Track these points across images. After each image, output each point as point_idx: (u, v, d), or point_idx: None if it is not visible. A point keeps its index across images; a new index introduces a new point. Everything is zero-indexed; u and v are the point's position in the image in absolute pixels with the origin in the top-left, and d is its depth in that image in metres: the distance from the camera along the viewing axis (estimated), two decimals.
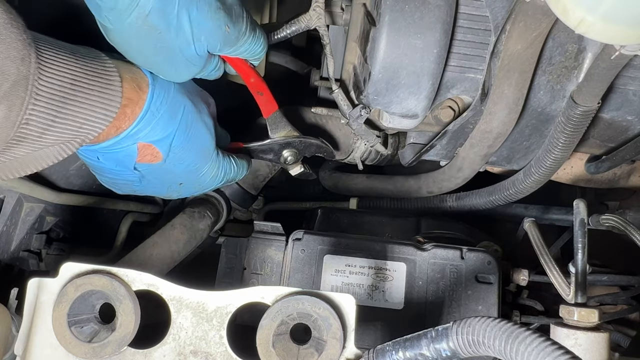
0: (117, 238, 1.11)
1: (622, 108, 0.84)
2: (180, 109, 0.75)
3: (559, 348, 0.45)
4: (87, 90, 0.63)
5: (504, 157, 0.96)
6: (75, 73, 0.62)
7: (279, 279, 0.93)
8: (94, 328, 0.61)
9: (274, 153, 0.95)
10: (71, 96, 0.62)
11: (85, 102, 0.63)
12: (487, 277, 0.91)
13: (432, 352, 0.54)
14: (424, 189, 1.10)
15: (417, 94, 0.82)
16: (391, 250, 0.92)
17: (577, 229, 0.83)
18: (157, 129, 0.73)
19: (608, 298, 1.06)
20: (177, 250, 0.96)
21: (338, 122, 1.07)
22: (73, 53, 0.63)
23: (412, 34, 0.78)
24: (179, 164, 0.78)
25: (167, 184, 0.81)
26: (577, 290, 0.81)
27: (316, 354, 0.59)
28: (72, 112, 0.62)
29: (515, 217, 1.12)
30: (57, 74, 0.60)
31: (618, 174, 1.06)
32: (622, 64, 0.68)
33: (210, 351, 0.62)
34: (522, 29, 0.71)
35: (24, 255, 0.97)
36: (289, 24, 0.91)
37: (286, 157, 0.95)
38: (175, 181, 0.81)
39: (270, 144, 0.94)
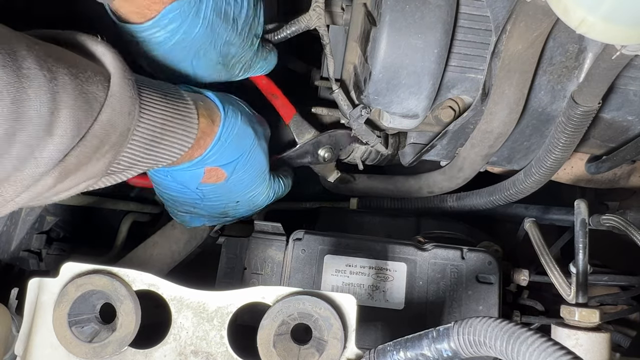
0: (118, 238, 1.11)
1: (622, 108, 0.84)
2: (245, 137, 0.81)
3: (560, 348, 0.45)
4: (172, 130, 0.69)
5: (505, 157, 0.96)
6: (165, 117, 0.68)
7: (279, 279, 0.93)
8: (95, 328, 0.61)
9: (310, 155, 0.99)
10: (159, 137, 0.68)
11: (168, 141, 0.69)
12: (487, 277, 0.91)
13: (433, 352, 0.54)
14: (424, 189, 1.10)
15: (418, 94, 0.82)
16: (392, 250, 0.92)
17: (578, 229, 0.83)
18: (225, 156, 0.79)
19: (608, 298, 1.05)
20: (178, 250, 0.96)
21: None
22: (164, 96, 0.69)
23: (413, 34, 0.78)
24: (239, 184, 0.85)
25: (224, 202, 0.87)
26: (578, 291, 0.81)
27: (317, 354, 0.59)
28: (156, 150, 0.68)
29: (516, 217, 1.12)
30: (151, 121, 0.66)
31: (618, 174, 1.06)
32: (623, 64, 0.68)
33: (211, 351, 0.62)
34: (522, 29, 0.71)
35: (24, 255, 0.97)
36: (289, 24, 0.91)
37: (323, 155, 0.99)
38: (233, 199, 0.88)
39: (303, 147, 0.98)
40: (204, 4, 0.73)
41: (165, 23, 0.71)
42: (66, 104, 0.53)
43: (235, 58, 0.84)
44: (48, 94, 0.51)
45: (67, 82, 0.53)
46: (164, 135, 0.68)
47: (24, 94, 0.49)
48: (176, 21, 0.72)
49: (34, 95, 0.50)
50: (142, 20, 0.71)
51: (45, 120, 0.51)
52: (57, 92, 0.52)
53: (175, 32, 0.73)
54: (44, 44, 0.56)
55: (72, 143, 0.55)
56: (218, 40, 0.78)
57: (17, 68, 0.49)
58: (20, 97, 0.49)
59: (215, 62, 0.81)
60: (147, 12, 0.70)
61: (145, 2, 0.69)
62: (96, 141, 0.58)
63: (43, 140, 0.52)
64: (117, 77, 0.60)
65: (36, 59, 0.51)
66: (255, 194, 0.89)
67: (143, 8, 0.70)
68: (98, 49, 0.62)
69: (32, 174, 0.53)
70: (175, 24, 0.72)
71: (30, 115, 0.50)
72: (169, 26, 0.72)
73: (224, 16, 0.77)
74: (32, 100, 0.50)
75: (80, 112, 0.55)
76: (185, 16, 0.72)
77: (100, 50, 0.62)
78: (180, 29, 0.73)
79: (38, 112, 0.50)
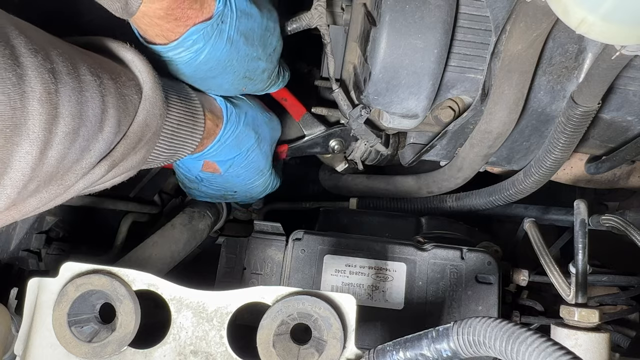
0: (117, 238, 1.11)
1: (622, 108, 0.84)
2: (245, 139, 0.89)
3: (560, 348, 0.45)
4: (185, 128, 0.78)
5: (504, 157, 0.96)
6: (180, 117, 0.77)
7: (279, 279, 0.93)
8: (94, 328, 0.60)
9: (320, 146, 1.06)
10: (176, 135, 0.77)
11: (182, 138, 0.79)
12: (487, 278, 0.91)
13: (433, 352, 0.54)
14: (424, 189, 1.10)
15: (418, 94, 0.82)
16: (391, 250, 0.92)
17: (578, 229, 0.83)
18: (222, 154, 0.88)
19: (608, 298, 1.05)
20: (177, 250, 0.96)
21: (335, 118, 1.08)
22: (179, 98, 0.78)
23: (413, 34, 0.78)
24: (236, 178, 0.93)
25: (222, 191, 0.97)
26: (578, 291, 0.81)
27: (317, 354, 0.59)
28: (175, 146, 0.78)
29: (515, 217, 1.12)
30: (172, 121, 0.76)
31: (618, 174, 1.06)
32: (623, 64, 0.68)
33: (210, 351, 0.62)
34: (522, 29, 0.71)
35: (23, 254, 0.96)
36: (289, 21, 0.91)
37: (333, 146, 1.05)
38: (231, 189, 0.97)
39: (313, 139, 1.04)
40: (227, 25, 0.75)
41: (189, 44, 0.73)
42: (112, 104, 0.62)
43: (262, 72, 0.87)
44: (100, 96, 0.60)
45: (110, 85, 0.62)
46: (180, 133, 0.78)
47: (84, 97, 0.58)
48: (200, 42, 0.74)
49: (90, 97, 0.59)
50: (166, 42, 0.73)
51: (99, 118, 0.60)
52: (105, 95, 0.61)
53: (199, 52, 0.75)
54: (89, 53, 0.64)
55: (115, 138, 0.64)
56: (244, 57, 0.81)
57: (77, 76, 0.58)
58: (81, 99, 0.58)
59: (241, 77, 0.84)
60: (171, 35, 0.72)
61: (169, 26, 0.71)
62: (135, 138, 0.67)
63: (96, 134, 0.60)
64: (150, 82, 0.69)
65: (89, 67, 0.60)
66: (252, 186, 0.97)
67: (167, 31, 0.72)
68: (128, 56, 0.69)
69: (88, 164, 0.61)
70: (199, 44, 0.74)
71: (89, 114, 0.59)
72: (193, 47, 0.74)
73: (248, 33, 0.79)
74: (89, 101, 0.59)
75: (120, 111, 0.63)
76: (209, 37, 0.74)
77: (130, 57, 0.69)
78: (204, 50, 0.75)
79: (94, 112, 0.59)
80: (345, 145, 1.06)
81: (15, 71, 0.50)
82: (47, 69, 0.54)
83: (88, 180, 0.64)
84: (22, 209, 0.58)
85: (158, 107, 0.70)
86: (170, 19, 0.70)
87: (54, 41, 0.59)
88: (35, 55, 0.53)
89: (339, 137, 1.05)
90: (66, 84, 0.56)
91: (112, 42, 0.70)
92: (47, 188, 0.59)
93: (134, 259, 0.93)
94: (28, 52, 0.52)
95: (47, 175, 0.57)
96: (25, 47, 0.52)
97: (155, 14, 0.69)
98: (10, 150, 0.51)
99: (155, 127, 0.70)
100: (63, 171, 0.59)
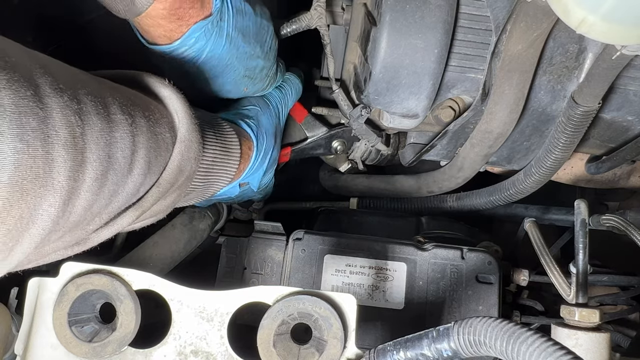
0: (117, 238, 1.11)
1: (622, 108, 0.84)
2: (268, 150, 0.90)
3: (560, 348, 0.45)
4: (220, 165, 0.77)
5: (505, 157, 0.96)
6: (216, 154, 0.75)
7: (279, 279, 0.93)
8: (95, 328, 0.60)
9: (323, 147, 1.06)
10: (211, 173, 0.75)
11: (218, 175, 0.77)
12: (487, 277, 0.91)
13: (433, 352, 0.54)
14: (424, 188, 1.10)
15: (418, 93, 0.82)
16: (392, 250, 0.92)
17: (578, 229, 0.83)
18: (255, 172, 0.88)
19: (608, 298, 1.05)
20: (178, 250, 0.96)
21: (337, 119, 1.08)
22: (214, 134, 0.75)
23: (413, 33, 0.78)
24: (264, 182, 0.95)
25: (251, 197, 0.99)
26: (578, 291, 0.81)
27: (317, 354, 0.59)
28: (209, 184, 0.77)
29: (516, 217, 1.12)
30: (208, 160, 0.73)
31: (618, 174, 1.06)
32: (623, 64, 0.68)
33: (210, 351, 0.62)
34: (523, 29, 0.71)
35: None
36: (289, 22, 0.91)
37: (336, 147, 1.05)
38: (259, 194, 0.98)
39: (316, 140, 1.04)
40: (225, 22, 0.76)
41: (192, 42, 0.74)
42: (142, 145, 0.57)
43: (260, 70, 0.87)
44: (130, 137, 0.56)
45: (142, 124, 0.58)
46: (214, 170, 0.76)
47: (113, 137, 0.53)
48: (202, 40, 0.74)
49: (120, 138, 0.54)
50: (169, 42, 0.73)
51: (128, 160, 0.56)
52: (136, 135, 0.56)
53: (202, 50, 0.75)
54: (121, 88, 0.60)
55: (145, 180, 0.60)
56: (243, 55, 0.81)
57: (107, 114, 0.53)
58: (110, 140, 0.53)
59: (242, 76, 0.84)
60: (174, 35, 0.72)
61: (172, 26, 0.71)
62: (167, 185, 0.64)
63: (125, 177, 0.56)
64: (186, 123, 0.65)
65: (120, 105, 0.55)
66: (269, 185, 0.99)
67: (170, 31, 0.72)
68: (165, 92, 0.65)
69: (115, 208, 0.58)
70: (201, 42, 0.74)
71: (118, 157, 0.54)
72: (195, 45, 0.74)
73: (245, 31, 0.80)
74: (119, 142, 0.54)
75: (151, 151, 0.59)
76: (210, 34, 0.74)
77: (166, 94, 0.65)
78: (206, 47, 0.75)
79: (123, 154, 0.55)
80: (347, 146, 1.06)
81: (38, 115, 0.45)
82: (73, 110, 0.49)
83: (115, 228, 0.60)
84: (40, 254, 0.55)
85: (194, 151, 0.66)
86: (173, 18, 0.70)
87: (81, 78, 0.55)
88: (61, 95, 0.48)
89: (342, 138, 1.05)
90: (94, 125, 0.51)
91: (149, 77, 0.67)
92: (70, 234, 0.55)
93: (135, 259, 0.93)
94: (53, 93, 0.48)
95: (72, 224, 0.52)
96: (51, 86, 0.48)
97: (159, 14, 0.69)
98: (31, 204, 0.46)
99: (189, 171, 0.67)
100: (90, 218, 0.55)
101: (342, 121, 1.06)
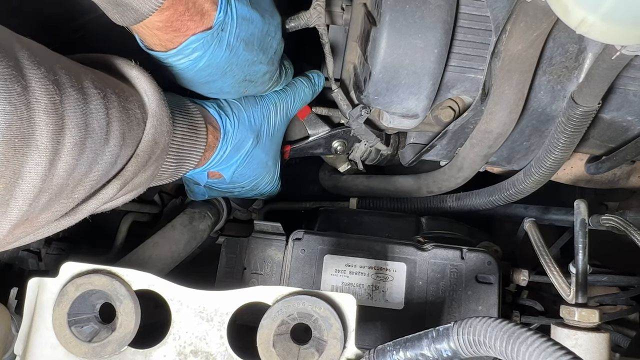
0: (117, 238, 1.11)
1: (622, 108, 0.84)
2: (243, 144, 0.89)
3: (560, 348, 0.45)
4: (188, 143, 0.79)
5: (504, 157, 0.96)
6: (184, 131, 0.77)
7: (279, 279, 0.93)
8: (94, 328, 0.60)
9: (322, 147, 1.06)
10: (180, 152, 0.77)
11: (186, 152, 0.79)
12: (487, 277, 0.91)
13: (433, 352, 0.54)
14: (424, 189, 1.10)
15: (418, 94, 0.82)
16: (391, 250, 0.92)
17: (578, 229, 0.83)
18: (223, 163, 0.88)
19: (608, 298, 1.05)
20: (178, 250, 0.96)
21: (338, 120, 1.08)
22: (181, 113, 0.78)
23: (413, 33, 0.78)
24: (241, 177, 0.94)
25: (229, 192, 0.99)
26: (578, 291, 0.81)
27: (317, 354, 0.59)
28: (180, 162, 0.78)
29: (515, 217, 1.12)
30: (177, 137, 0.76)
31: (618, 174, 1.06)
32: (623, 64, 0.68)
33: (210, 351, 0.62)
34: (522, 29, 0.71)
35: (23, 254, 0.96)
36: (288, 20, 0.91)
37: (336, 147, 1.05)
38: (237, 186, 0.97)
39: (317, 140, 1.04)
40: (227, 33, 0.75)
41: (188, 52, 0.73)
42: (115, 117, 0.62)
43: (263, 75, 0.87)
44: (104, 108, 0.60)
45: (114, 99, 0.62)
46: (184, 148, 0.78)
47: (88, 108, 0.58)
48: (199, 50, 0.74)
49: (95, 109, 0.59)
50: (165, 50, 0.73)
51: (104, 130, 0.60)
52: (109, 107, 0.61)
53: (199, 59, 0.75)
54: (93, 70, 0.64)
55: (121, 151, 0.63)
56: (243, 62, 0.80)
57: (81, 88, 0.58)
58: (86, 111, 0.57)
59: (241, 80, 0.84)
60: (170, 44, 0.72)
61: (168, 37, 0.71)
62: (145, 156, 0.67)
63: (102, 147, 0.60)
64: (156, 100, 0.69)
65: (92, 81, 0.60)
66: (258, 182, 0.98)
67: (166, 41, 0.72)
68: (132, 72, 0.69)
69: (95, 177, 0.61)
70: (198, 52, 0.74)
71: (94, 126, 0.58)
72: (192, 55, 0.74)
73: (249, 39, 0.78)
74: (94, 113, 0.58)
75: (124, 124, 0.63)
76: (208, 46, 0.74)
77: (135, 74, 0.69)
78: (203, 57, 0.75)
79: (99, 123, 0.59)
80: (348, 146, 1.06)
81: (20, 82, 0.50)
82: (51, 80, 0.53)
83: (100, 199, 0.64)
84: (34, 223, 0.58)
85: (165, 124, 0.70)
86: (169, 30, 0.70)
87: (57, 56, 0.59)
88: (38, 67, 0.53)
89: (342, 138, 1.05)
90: (70, 95, 0.55)
91: (116, 59, 0.70)
92: (57, 202, 0.58)
93: (135, 260, 0.93)
94: (31, 65, 0.52)
95: (57, 187, 0.56)
96: (29, 59, 0.52)
97: (155, 26, 0.69)
98: (20, 161, 0.51)
99: (163, 143, 0.71)
100: (73, 184, 0.58)
101: (342, 121, 1.06)
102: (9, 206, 0.52)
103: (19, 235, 0.57)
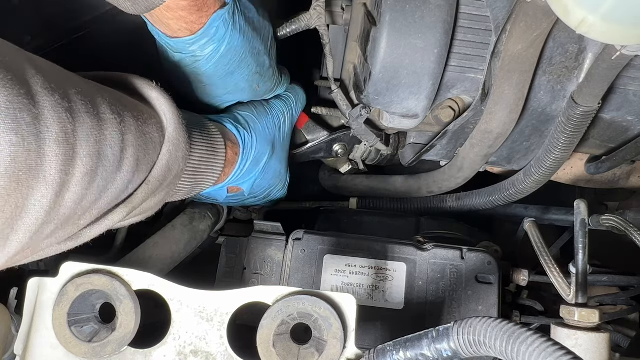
0: (117, 238, 1.11)
1: (622, 108, 0.84)
2: (262, 156, 0.90)
3: (560, 348, 0.45)
4: (206, 164, 0.78)
5: (504, 157, 0.96)
6: (202, 154, 0.76)
7: (279, 279, 0.93)
8: (94, 328, 0.60)
9: (324, 151, 1.06)
10: (197, 172, 0.76)
11: (204, 174, 0.78)
12: (487, 278, 0.91)
13: (433, 352, 0.54)
14: (424, 189, 1.10)
15: (418, 94, 0.82)
16: (391, 250, 0.92)
17: (578, 229, 0.83)
18: (243, 177, 0.89)
19: (608, 298, 1.05)
20: (178, 251, 0.96)
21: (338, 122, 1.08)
22: (201, 134, 0.77)
23: (413, 34, 0.78)
24: (258, 189, 0.95)
25: (241, 203, 1.00)
26: (578, 291, 0.81)
27: (317, 354, 0.59)
28: (196, 183, 0.78)
29: (515, 217, 1.12)
30: (195, 159, 0.74)
31: (618, 174, 1.06)
32: (623, 64, 0.68)
33: (210, 351, 0.62)
34: (522, 29, 0.71)
35: None
36: (288, 22, 0.91)
37: (337, 150, 1.06)
38: (250, 199, 0.98)
39: (317, 145, 1.05)
40: (236, 15, 0.76)
41: (213, 32, 0.74)
42: (131, 143, 0.60)
43: (268, 67, 0.88)
44: (119, 135, 0.58)
45: (131, 123, 0.60)
46: (201, 169, 0.77)
47: (103, 135, 0.56)
48: (222, 29, 0.75)
49: (110, 136, 0.57)
50: (191, 34, 0.73)
51: (117, 157, 0.58)
52: (125, 133, 0.59)
53: (222, 41, 0.76)
54: (109, 90, 0.62)
55: (134, 177, 0.62)
56: (254, 50, 0.82)
57: (97, 114, 0.56)
58: (100, 138, 0.55)
59: (254, 72, 0.85)
60: (195, 26, 0.73)
61: (193, 17, 0.72)
62: (157, 183, 0.66)
63: (114, 174, 0.58)
64: (174, 124, 0.67)
65: (109, 105, 0.58)
66: (271, 190, 0.99)
67: (191, 23, 0.72)
68: (152, 94, 0.67)
69: (105, 203, 0.59)
70: (221, 32, 0.75)
71: (107, 154, 0.57)
72: (216, 35, 0.75)
73: (254, 25, 0.80)
74: (108, 140, 0.57)
75: (140, 150, 0.61)
76: (228, 25, 0.75)
77: (155, 95, 0.67)
78: (225, 38, 0.76)
79: (112, 151, 0.57)
80: (348, 149, 1.06)
81: (31, 111, 0.48)
82: (64, 108, 0.52)
83: (106, 225, 0.63)
84: (35, 249, 0.56)
85: (181, 150, 0.68)
86: (194, 10, 0.70)
87: (72, 78, 0.57)
88: (52, 94, 0.51)
89: (343, 141, 1.05)
90: (84, 123, 0.54)
91: (137, 79, 0.68)
92: (62, 229, 0.57)
93: (135, 260, 0.93)
94: (45, 92, 0.50)
95: (64, 217, 0.54)
96: (43, 86, 0.51)
97: (179, 6, 0.69)
98: (25, 194, 0.49)
99: (177, 170, 0.69)
100: (80, 212, 0.57)
101: (342, 122, 1.06)
102: (9, 240, 0.50)
103: (18, 260, 0.56)
